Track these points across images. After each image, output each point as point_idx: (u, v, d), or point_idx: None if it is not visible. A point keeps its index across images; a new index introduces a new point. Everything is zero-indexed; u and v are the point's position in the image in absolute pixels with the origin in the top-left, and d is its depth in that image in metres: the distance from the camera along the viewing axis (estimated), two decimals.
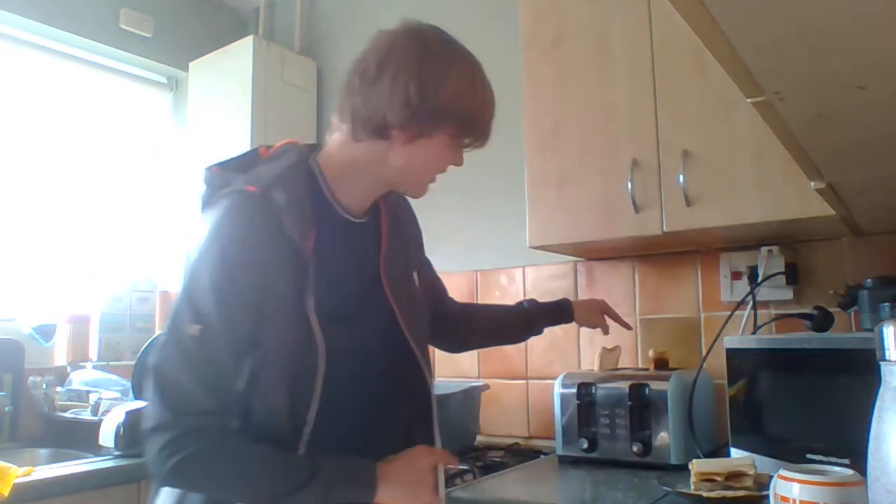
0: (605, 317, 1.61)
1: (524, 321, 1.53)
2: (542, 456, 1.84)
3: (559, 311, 1.56)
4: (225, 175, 1.03)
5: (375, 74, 1.00)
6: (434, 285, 1.35)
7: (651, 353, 1.78)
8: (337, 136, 1.08)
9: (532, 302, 1.57)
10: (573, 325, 1.51)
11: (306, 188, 1.03)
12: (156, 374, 0.93)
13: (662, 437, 1.54)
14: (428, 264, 1.33)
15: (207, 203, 1.02)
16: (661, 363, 1.76)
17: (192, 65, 2.74)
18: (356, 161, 1.06)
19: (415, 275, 1.20)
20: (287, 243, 0.97)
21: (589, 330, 2.01)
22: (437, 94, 0.99)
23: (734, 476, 1.26)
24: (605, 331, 1.62)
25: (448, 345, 1.49)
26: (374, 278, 1.10)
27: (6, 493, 1.46)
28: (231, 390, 0.95)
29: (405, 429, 1.11)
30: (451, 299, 1.44)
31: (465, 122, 1.05)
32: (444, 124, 1.03)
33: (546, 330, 1.55)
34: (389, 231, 1.15)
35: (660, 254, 1.93)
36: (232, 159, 1.07)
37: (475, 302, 1.54)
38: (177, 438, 0.91)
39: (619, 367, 1.86)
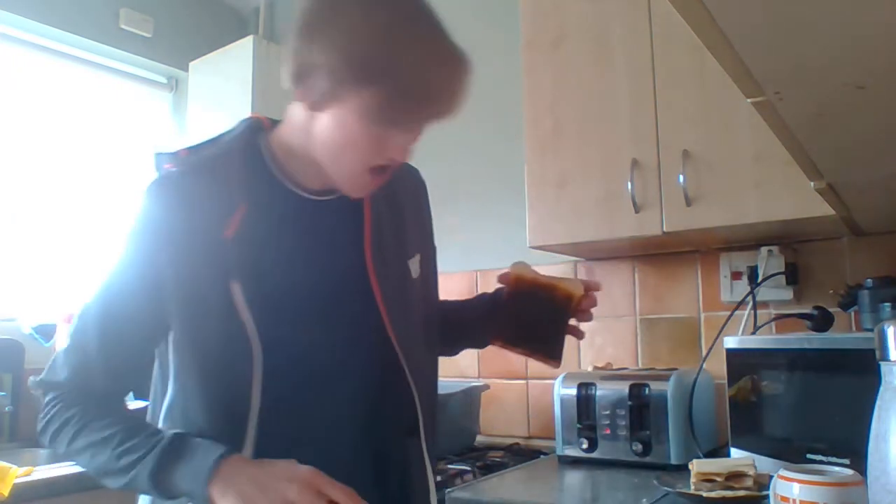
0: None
1: (488, 307, 1.14)
2: (542, 456, 1.84)
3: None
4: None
5: (297, 28, 0.89)
6: (428, 283, 1.10)
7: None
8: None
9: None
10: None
11: (240, 163, 0.93)
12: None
13: (662, 438, 1.54)
14: (433, 255, 1.11)
15: None
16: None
17: (192, 65, 2.74)
18: (301, 132, 0.92)
19: (412, 264, 1.02)
20: (203, 226, 0.89)
21: (589, 330, 2.02)
22: (335, 36, 0.82)
23: (734, 476, 1.26)
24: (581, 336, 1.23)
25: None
26: (357, 268, 0.94)
27: (6, 493, 1.45)
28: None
29: (385, 442, 0.97)
30: (438, 301, 1.17)
31: (380, 82, 0.80)
32: (351, 83, 0.81)
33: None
34: (375, 211, 0.97)
35: (660, 254, 1.93)
36: (205, 141, 1.00)
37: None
38: (60, 397, 0.92)
39: (619, 367, 1.86)
